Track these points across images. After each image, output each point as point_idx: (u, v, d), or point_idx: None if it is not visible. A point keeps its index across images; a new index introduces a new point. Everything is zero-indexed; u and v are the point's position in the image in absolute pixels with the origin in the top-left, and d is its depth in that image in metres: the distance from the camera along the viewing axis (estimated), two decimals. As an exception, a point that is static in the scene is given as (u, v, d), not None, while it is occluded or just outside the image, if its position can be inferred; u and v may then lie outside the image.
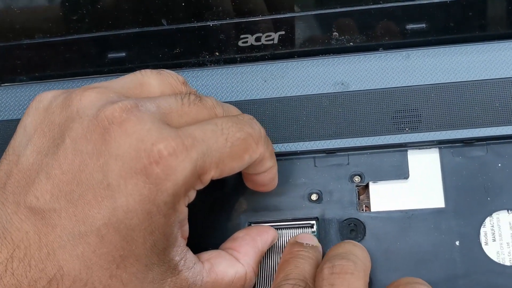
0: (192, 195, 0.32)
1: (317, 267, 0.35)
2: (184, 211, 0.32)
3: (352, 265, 0.32)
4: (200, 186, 0.32)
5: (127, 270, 0.30)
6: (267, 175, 0.37)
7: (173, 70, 0.44)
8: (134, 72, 0.35)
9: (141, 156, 0.29)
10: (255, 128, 0.34)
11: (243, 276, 0.35)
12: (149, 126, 0.30)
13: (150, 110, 0.31)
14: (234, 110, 0.37)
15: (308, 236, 0.38)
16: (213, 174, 0.32)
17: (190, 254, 0.33)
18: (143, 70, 0.35)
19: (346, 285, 0.31)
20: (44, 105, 0.33)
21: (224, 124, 0.33)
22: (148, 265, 0.31)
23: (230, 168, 0.33)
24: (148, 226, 0.30)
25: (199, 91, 0.44)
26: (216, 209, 0.40)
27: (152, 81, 0.35)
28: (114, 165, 0.29)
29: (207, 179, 0.32)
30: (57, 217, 0.29)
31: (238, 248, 0.36)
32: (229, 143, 0.32)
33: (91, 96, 0.32)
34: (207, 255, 0.35)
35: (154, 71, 0.36)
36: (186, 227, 0.33)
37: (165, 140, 0.30)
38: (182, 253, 0.32)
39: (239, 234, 0.38)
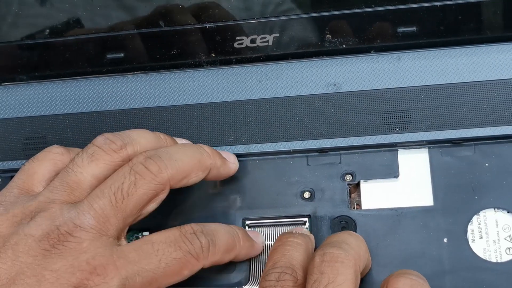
0: None
1: (307, 254, 0.36)
2: None
3: (342, 254, 0.33)
4: None
5: None
6: (236, 260, 0.38)
7: (170, 71, 0.45)
8: (66, 173, 0.36)
9: (75, 271, 0.32)
10: (196, 244, 0.35)
11: None
12: (86, 245, 0.33)
13: (88, 225, 0.33)
14: (182, 152, 0.37)
15: (299, 228, 0.39)
16: None
17: None
18: (74, 166, 0.36)
19: (335, 273, 0.32)
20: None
21: (161, 244, 0.34)
22: None
23: (167, 283, 0.34)
24: None
25: (195, 91, 0.44)
26: (211, 206, 0.41)
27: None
28: (49, 275, 0.32)
29: None
30: None
31: None
32: (163, 264, 0.33)
33: (40, 220, 0.34)
34: None
35: (87, 158, 0.36)
36: None
37: (98, 259, 0.32)
38: None
39: None
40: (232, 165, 0.40)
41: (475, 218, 0.38)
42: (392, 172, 0.40)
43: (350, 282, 0.32)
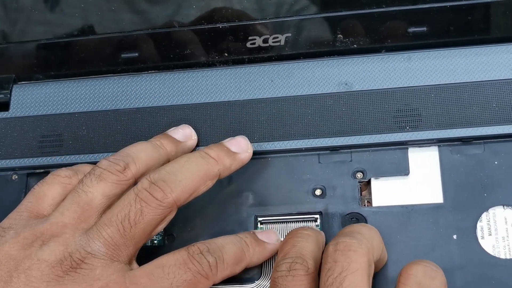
0: None
1: (318, 245, 0.36)
2: None
3: (355, 243, 0.33)
4: None
5: None
6: (250, 266, 0.38)
7: (183, 70, 0.46)
8: (76, 194, 0.36)
9: None
10: (204, 264, 0.35)
11: None
12: (99, 272, 0.34)
13: (99, 252, 0.34)
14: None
15: (309, 226, 0.40)
16: None
17: None
18: (83, 186, 0.37)
19: (349, 262, 0.32)
20: (13, 233, 0.36)
21: (171, 268, 0.34)
22: None
23: None
24: None
25: (209, 90, 0.45)
26: (224, 204, 0.42)
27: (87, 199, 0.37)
28: None
29: None
30: None
31: None
32: (175, 286, 0.34)
33: (53, 246, 0.34)
34: None
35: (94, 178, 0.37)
36: None
37: (112, 286, 0.33)
38: None
39: None
40: (244, 155, 0.40)
41: (484, 215, 0.39)
42: (402, 169, 0.40)
43: (363, 270, 0.32)
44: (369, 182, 0.41)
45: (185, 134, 0.42)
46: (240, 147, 0.40)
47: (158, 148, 0.40)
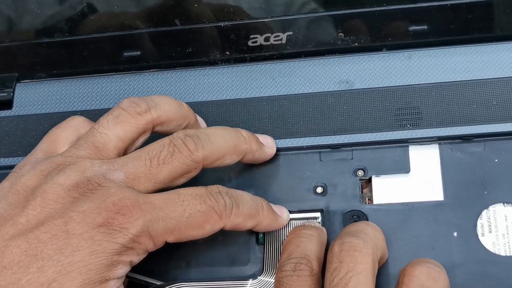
0: (141, 255, 0.34)
1: (321, 244, 0.36)
2: (125, 267, 0.34)
3: (361, 243, 0.33)
4: (152, 248, 0.35)
5: None
6: (258, 229, 0.39)
7: (185, 69, 0.46)
8: (91, 134, 0.37)
9: (101, 212, 0.33)
10: (220, 202, 0.35)
11: None
12: (114, 191, 0.34)
13: (117, 179, 0.35)
14: (219, 136, 0.38)
15: (311, 222, 0.40)
16: (168, 238, 0.35)
17: None
18: (99, 127, 0.37)
19: (354, 262, 0.33)
20: (33, 161, 0.37)
21: (186, 196, 0.35)
22: None
23: (188, 235, 0.35)
24: (88, 264, 0.32)
25: (210, 89, 0.45)
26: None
27: (111, 136, 0.37)
28: (75, 216, 0.33)
29: (160, 242, 0.34)
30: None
31: None
32: (187, 213, 0.34)
33: (69, 172, 0.35)
34: None
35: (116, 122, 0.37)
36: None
37: (124, 202, 0.33)
38: None
39: None
40: (269, 149, 0.41)
41: (484, 212, 0.39)
42: (403, 167, 0.41)
43: (369, 270, 0.33)
44: (370, 180, 0.41)
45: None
46: (267, 142, 0.42)
47: (182, 108, 0.40)
